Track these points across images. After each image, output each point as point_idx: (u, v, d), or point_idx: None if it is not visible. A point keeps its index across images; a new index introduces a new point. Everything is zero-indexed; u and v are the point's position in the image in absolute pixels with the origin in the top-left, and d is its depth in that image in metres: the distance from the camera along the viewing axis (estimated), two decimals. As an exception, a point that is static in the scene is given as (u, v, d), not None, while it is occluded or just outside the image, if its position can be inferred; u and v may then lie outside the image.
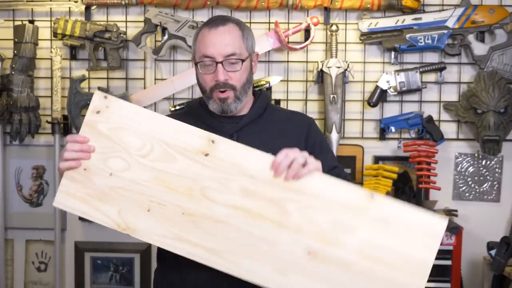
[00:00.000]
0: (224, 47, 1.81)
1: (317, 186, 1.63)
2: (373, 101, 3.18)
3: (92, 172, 1.65)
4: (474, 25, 3.13)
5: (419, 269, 1.58)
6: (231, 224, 1.62)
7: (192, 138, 1.66)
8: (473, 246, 3.15)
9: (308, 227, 1.60)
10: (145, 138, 1.65)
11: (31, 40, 3.19)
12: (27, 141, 3.33)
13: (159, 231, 1.63)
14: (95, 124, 1.66)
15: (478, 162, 3.27)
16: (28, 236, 3.44)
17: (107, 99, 1.67)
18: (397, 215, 1.61)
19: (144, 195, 1.64)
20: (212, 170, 1.64)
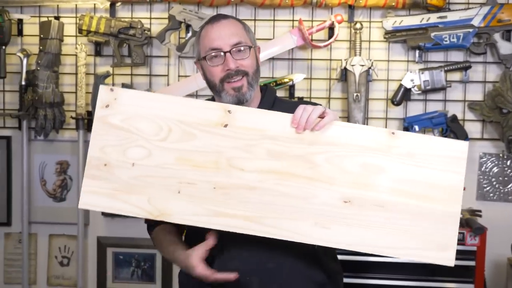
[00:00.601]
0: (229, 37, 1.81)
1: (340, 135, 1.64)
2: (397, 100, 3.16)
3: (113, 166, 1.63)
4: (500, 24, 3.10)
5: (451, 195, 1.63)
6: (264, 188, 1.62)
7: (208, 112, 1.65)
8: (497, 247, 3.11)
9: (339, 175, 1.62)
10: (160, 122, 1.64)
11: (56, 36, 3.22)
12: (51, 137, 3.36)
13: (193, 210, 1.63)
14: (106, 119, 1.65)
15: (503, 162, 3.24)
16: (51, 230, 3.47)
17: (113, 91, 1.67)
18: (420, 146, 1.64)
19: (171, 178, 1.63)
20: (234, 140, 1.64)
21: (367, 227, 1.62)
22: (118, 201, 1.63)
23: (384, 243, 1.63)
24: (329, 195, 1.62)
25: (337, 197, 1.62)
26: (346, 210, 1.62)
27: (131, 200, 1.63)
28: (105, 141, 1.64)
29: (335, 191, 1.62)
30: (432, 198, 1.62)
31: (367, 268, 2.93)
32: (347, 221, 1.62)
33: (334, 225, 1.62)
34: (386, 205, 1.62)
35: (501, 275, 3.23)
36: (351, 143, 1.64)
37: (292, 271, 1.78)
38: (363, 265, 2.91)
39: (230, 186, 1.63)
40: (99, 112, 1.65)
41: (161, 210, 1.63)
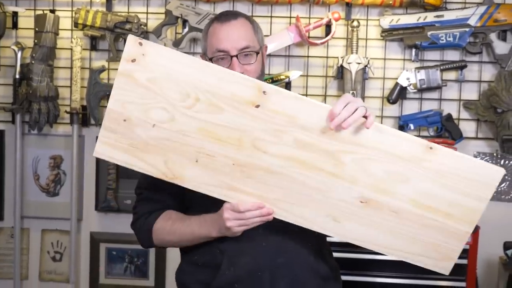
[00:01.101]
0: (237, 41, 1.78)
1: (374, 138, 1.57)
2: (393, 98, 3.17)
3: (133, 123, 1.57)
4: (496, 24, 3.11)
5: (468, 217, 1.63)
6: (284, 174, 1.59)
7: (241, 88, 1.55)
8: (489, 246, 3.13)
9: (362, 177, 1.60)
10: (188, 89, 1.55)
11: (51, 30, 3.20)
12: (45, 131, 3.34)
13: (209, 181, 1.60)
14: (131, 73, 1.54)
15: (497, 162, 3.25)
16: (44, 225, 3.45)
17: (142, 46, 1.53)
18: (454, 167, 1.60)
19: (191, 146, 1.58)
20: (263, 122, 1.56)
21: (377, 228, 1.63)
22: (134, 157, 1.59)
23: (388, 244, 1.65)
24: (347, 193, 1.60)
25: (355, 196, 1.61)
26: (361, 209, 1.61)
27: (147, 158, 1.59)
28: (127, 96, 1.56)
29: (354, 190, 1.60)
30: (449, 215, 1.62)
31: (359, 266, 2.94)
32: (359, 219, 1.62)
33: (345, 221, 1.62)
34: (401, 213, 1.62)
35: (493, 273, 3.25)
36: (384, 149, 1.58)
37: (301, 266, 1.78)
38: (356, 262, 2.92)
39: (249, 165, 1.59)
40: (124, 65, 1.53)
41: (175, 174, 1.59)
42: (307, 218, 1.63)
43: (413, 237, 1.64)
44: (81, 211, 3.40)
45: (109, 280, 3.42)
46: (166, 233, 1.81)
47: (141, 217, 1.86)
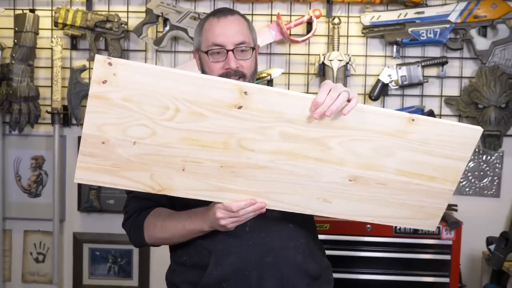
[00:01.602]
0: (234, 35, 1.79)
1: (358, 119, 1.57)
2: (375, 95, 3.18)
3: (112, 144, 1.51)
4: (476, 20, 3.13)
5: (451, 176, 1.69)
6: (272, 168, 1.59)
7: (221, 92, 1.50)
8: (472, 241, 3.15)
9: (350, 158, 1.61)
10: (167, 101, 1.48)
11: (31, 29, 3.18)
12: (26, 131, 3.32)
13: (198, 186, 1.58)
14: (104, 95, 1.45)
15: (479, 157, 3.27)
16: (26, 226, 3.43)
17: (112, 65, 1.44)
18: (436, 133, 1.63)
19: (176, 157, 1.54)
20: (247, 122, 1.53)
21: (366, 201, 1.68)
22: (118, 177, 1.54)
23: (378, 214, 1.71)
24: (336, 174, 1.63)
25: (343, 176, 1.63)
26: (349, 187, 1.65)
27: (132, 176, 1.54)
28: (103, 118, 1.48)
29: (343, 171, 1.62)
30: (433, 178, 1.68)
31: (343, 263, 2.94)
32: (349, 196, 1.66)
33: (336, 200, 1.66)
34: (388, 183, 1.66)
35: (476, 268, 3.27)
36: (368, 128, 1.59)
37: (289, 265, 1.78)
38: (340, 259, 2.92)
39: (237, 165, 1.57)
40: (95, 88, 1.44)
41: (163, 185, 1.57)
42: (298, 204, 1.65)
43: (401, 203, 1.70)
44: (63, 212, 3.38)
45: (93, 280, 3.40)
46: (158, 230, 1.79)
47: (132, 216, 1.84)
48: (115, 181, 1.55)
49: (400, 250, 2.98)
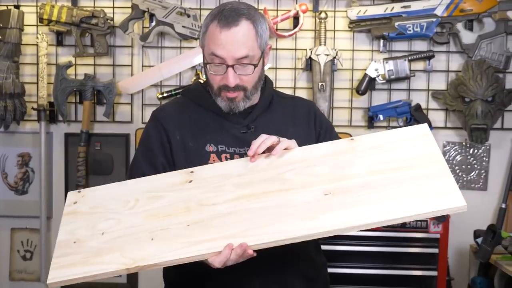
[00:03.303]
0: (236, 50, 1.68)
1: (302, 154, 1.66)
2: (362, 89, 3.18)
3: (83, 241, 1.61)
4: (462, 14, 3.13)
5: (432, 158, 1.56)
6: (241, 210, 1.59)
7: (171, 179, 1.69)
8: (460, 234, 3.16)
9: (313, 180, 1.60)
10: (127, 197, 1.68)
11: (16, 26, 3.15)
12: (12, 128, 3.29)
13: (170, 248, 1.55)
14: (75, 210, 1.70)
15: (466, 151, 3.28)
16: (13, 224, 3.41)
17: (80, 192, 1.74)
18: (383, 139, 1.64)
19: (143, 232, 1.60)
20: (201, 188, 1.65)
21: (358, 205, 1.52)
22: (90, 265, 1.54)
23: (381, 210, 1.50)
24: (308, 194, 1.57)
25: (316, 194, 1.57)
26: (329, 200, 1.54)
27: (104, 260, 1.55)
28: (74, 226, 1.66)
29: (313, 191, 1.58)
30: (413, 165, 1.55)
31: (332, 257, 2.94)
32: (334, 207, 1.53)
33: (321, 214, 1.52)
34: (369, 184, 1.54)
35: (464, 262, 3.28)
36: (316, 156, 1.65)
37: (291, 271, 1.75)
38: (328, 254, 2.91)
39: (204, 219, 1.59)
40: (67, 209, 1.70)
41: (135, 259, 1.54)
42: (285, 230, 1.52)
43: (401, 194, 1.51)
44: (50, 209, 3.36)
45: (81, 278, 3.38)
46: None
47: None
48: (88, 270, 1.54)
49: (388, 244, 2.99)
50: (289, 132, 1.76)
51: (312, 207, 1.54)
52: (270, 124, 1.80)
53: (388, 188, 1.53)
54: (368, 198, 1.52)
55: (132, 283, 3.37)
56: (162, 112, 1.87)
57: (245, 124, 1.79)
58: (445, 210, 1.50)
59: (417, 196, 1.50)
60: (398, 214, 1.48)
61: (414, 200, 1.49)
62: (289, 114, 1.87)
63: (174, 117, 1.82)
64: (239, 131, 1.78)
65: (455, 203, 1.49)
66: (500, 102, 3.14)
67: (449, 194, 1.49)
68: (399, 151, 1.60)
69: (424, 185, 1.51)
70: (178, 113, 1.84)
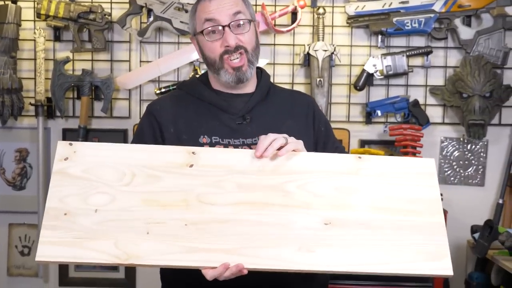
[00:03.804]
0: (228, 8, 1.72)
1: (307, 163, 1.64)
2: (360, 85, 3.18)
3: (74, 214, 1.53)
4: (460, 9, 3.13)
5: (431, 207, 1.61)
6: (239, 219, 1.57)
7: (171, 155, 1.63)
8: (457, 230, 3.16)
9: (314, 200, 1.60)
10: (123, 168, 1.60)
11: (14, 21, 3.14)
12: (10, 124, 3.29)
13: (166, 250, 1.52)
14: (65, 170, 1.59)
15: (463, 146, 3.29)
16: (11, 219, 3.40)
17: (72, 145, 1.62)
18: (388, 166, 1.65)
19: (138, 220, 1.54)
20: (201, 178, 1.61)
21: (354, 246, 1.55)
22: (81, 248, 1.50)
23: (374, 260, 1.55)
24: (308, 218, 1.58)
25: (316, 220, 1.57)
26: (328, 232, 1.56)
27: (96, 246, 1.51)
28: (64, 191, 1.56)
29: (313, 215, 1.58)
30: (413, 211, 1.60)
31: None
32: (332, 242, 1.56)
33: (319, 247, 1.55)
34: (368, 223, 1.58)
35: (461, 257, 3.29)
36: (320, 169, 1.64)
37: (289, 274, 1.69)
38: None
39: (202, 221, 1.56)
40: (58, 165, 1.59)
41: (129, 253, 1.51)
42: (279, 257, 1.53)
43: (395, 245, 1.56)
44: (48, 205, 3.35)
45: (79, 273, 3.38)
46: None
47: None
48: (80, 254, 1.50)
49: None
50: (286, 124, 1.76)
51: (311, 236, 1.56)
52: (267, 115, 1.80)
53: (384, 234, 1.57)
54: (364, 241, 1.56)
55: (130, 278, 3.37)
56: (156, 105, 1.86)
57: (240, 114, 1.78)
58: (432, 274, 1.58)
59: (409, 252, 1.55)
60: (387, 269, 1.54)
61: (405, 256, 1.55)
62: (286, 106, 1.86)
63: (168, 110, 1.82)
64: (235, 122, 1.77)
65: (443, 270, 1.56)
66: (498, 97, 3.14)
67: (440, 259, 1.56)
68: (402, 188, 1.63)
69: (418, 240, 1.57)
70: (173, 106, 1.83)
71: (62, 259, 1.51)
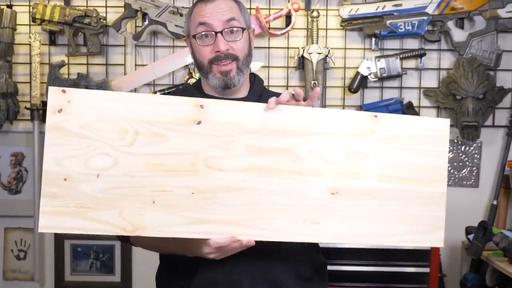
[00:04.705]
0: (222, 14, 1.72)
1: (320, 122, 1.57)
2: (354, 87, 3.19)
3: (74, 180, 1.44)
4: (453, 12, 3.15)
5: (437, 176, 1.61)
6: (248, 188, 1.52)
7: (178, 108, 1.49)
8: (452, 231, 3.10)
9: (324, 166, 1.56)
10: (125, 124, 1.47)
11: (9, 25, 3.15)
12: (5, 128, 3.29)
13: (172, 221, 1.47)
14: (61, 125, 1.44)
15: (458, 148, 3.30)
16: (7, 223, 3.40)
17: (66, 93, 1.45)
18: (403, 127, 1.61)
19: (143, 187, 1.46)
20: (210, 138, 1.50)
21: (357, 218, 1.57)
22: (85, 219, 1.44)
23: (376, 233, 1.59)
24: (316, 187, 1.55)
25: (324, 189, 1.55)
26: (334, 202, 1.56)
27: (100, 216, 1.44)
28: (62, 152, 1.44)
29: (321, 183, 1.55)
30: (419, 180, 1.60)
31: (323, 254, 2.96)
32: (337, 213, 1.56)
33: (323, 219, 1.55)
34: (374, 193, 1.58)
35: (456, 258, 3.30)
36: (334, 130, 1.57)
37: (281, 268, 1.72)
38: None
39: (209, 189, 1.49)
40: (51, 118, 1.44)
41: (135, 224, 1.46)
42: (284, 229, 1.54)
43: (396, 216, 1.59)
44: (44, 208, 3.35)
45: (75, 277, 3.39)
46: (141, 243, 1.76)
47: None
48: (83, 225, 1.44)
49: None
50: None
51: (317, 207, 1.56)
52: None
53: (387, 205, 1.59)
54: (368, 212, 1.58)
55: (126, 282, 3.37)
56: None
57: None
58: (424, 246, 1.67)
59: (408, 223, 1.60)
60: (386, 241, 1.60)
61: (403, 228, 1.60)
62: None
63: None
64: None
65: (435, 242, 1.64)
66: (491, 99, 3.16)
67: (434, 231, 1.62)
68: (412, 153, 1.61)
69: (419, 211, 1.60)
70: None
71: (66, 230, 1.45)
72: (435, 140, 1.62)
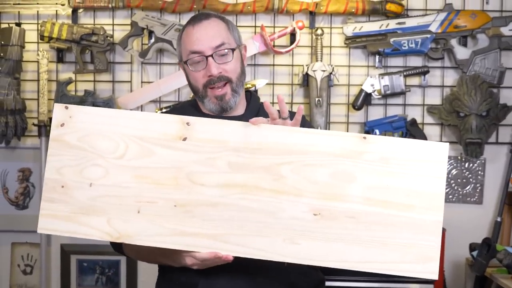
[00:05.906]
0: (211, 39, 1.74)
1: (306, 142, 1.56)
2: (358, 104, 3.22)
3: (70, 187, 1.59)
4: (456, 30, 3.18)
5: (432, 203, 1.52)
6: (227, 204, 1.56)
7: (165, 125, 1.60)
8: (456, 248, 3.19)
9: (307, 187, 1.54)
10: (117, 139, 1.60)
11: (17, 43, 3.20)
12: (13, 144, 3.33)
13: (154, 231, 1.56)
14: (62, 137, 1.60)
15: (461, 165, 3.31)
16: (13, 238, 3.43)
17: (68, 109, 1.62)
18: (395, 150, 1.54)
19: (130, 197, 1.58)
20: (194, 153, 1.58)
21: (342, 241, 1.52)
22: (75, 223, 1.57)
23: (362, 258, 1.53)
24: (297, 208, 1.54)
25: (305, 210, 1.53)
26: (315, 223, 1.53)
27: (89, 222, 1.57)
28: (61, 161, 1.60)
29: (303, 204, 1.54)
30: (410, 206, 1.52)
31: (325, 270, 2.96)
32: (318, 235, 1.53)
33: (304, 240, 1.53)
34: (359, 216, 1.52)
35: (460, 275, 3.30)
36: (319, 150, 1.55)
37: (280, 285, 1.72)
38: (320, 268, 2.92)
39: (191, 203, 1.56)
40: (54, 131, 1.61)
41: (120, 231, 1.57)
42: (263, 247, 1.54)
43: (383, 242, 1.51)
44: (51, 224, 3.38)
45: (81, 291, 3.42)
46: (133, 253, 1.79)
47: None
48: (74, 229, 1.58)
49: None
50: None
51: (297, 227, 1.54)
52: None
53: (373, 230, 1.52)
54: (350, 236, 1.52)
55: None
56: None
57: None
58: (416, 276, 1.53)
59: (395, 251, 1.51)
60: (373, 268, 1.52)
61: (390, 256, 1.51)
62: None
63: None
64: None
65: (428, 274, 1.52)
66: (495, 116, 3.18)
67: (427, 262, 1.51)
68: (404, 176, 1.53)
69: (409, 239, 1.51)
70: None
71: (60, 233, 1.60)
72: (431, 165, 1.54)
